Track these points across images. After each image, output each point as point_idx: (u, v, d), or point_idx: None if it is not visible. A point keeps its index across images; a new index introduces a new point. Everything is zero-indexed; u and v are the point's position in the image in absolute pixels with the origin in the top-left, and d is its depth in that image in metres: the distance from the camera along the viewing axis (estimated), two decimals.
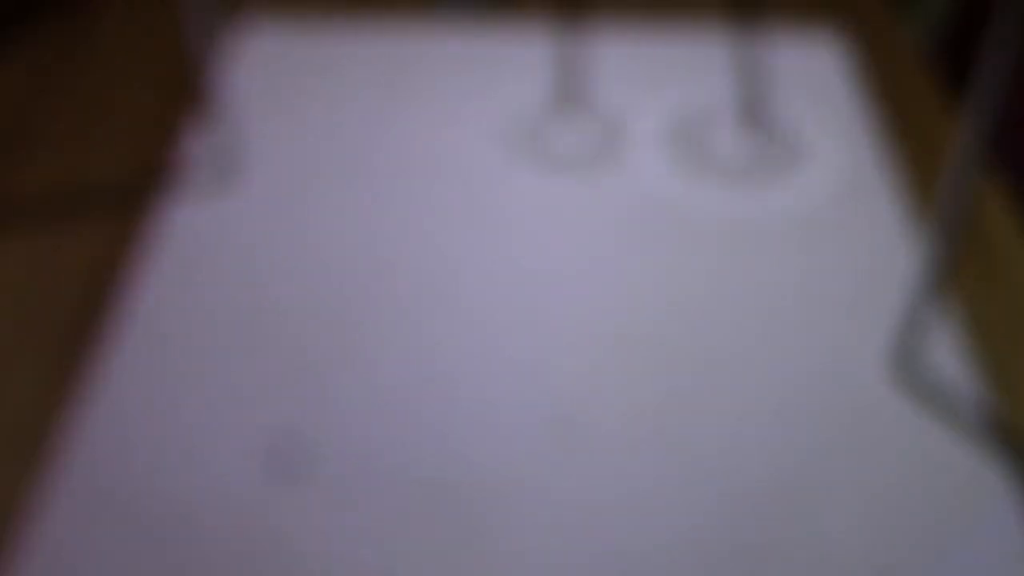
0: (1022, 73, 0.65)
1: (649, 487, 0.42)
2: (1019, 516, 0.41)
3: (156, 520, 0.40)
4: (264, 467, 0.42)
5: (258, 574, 0.39)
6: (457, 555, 0.39)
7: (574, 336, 0.48)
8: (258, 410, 0.45)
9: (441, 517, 0.41)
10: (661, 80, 0.65)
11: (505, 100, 0.63)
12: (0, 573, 0.38)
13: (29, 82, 0.64)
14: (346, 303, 0.50)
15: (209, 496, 0.41)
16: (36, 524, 0.40)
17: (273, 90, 0.63)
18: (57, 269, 0.51)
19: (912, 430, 0.44)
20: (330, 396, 0.45)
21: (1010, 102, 0.69)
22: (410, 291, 0.50)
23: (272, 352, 0.47)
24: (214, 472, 0.42)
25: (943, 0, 0.89)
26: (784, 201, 0.56)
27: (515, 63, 0.66)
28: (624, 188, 0.57)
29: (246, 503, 0.41)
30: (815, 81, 0.65)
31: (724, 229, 0.54)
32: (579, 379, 0.46)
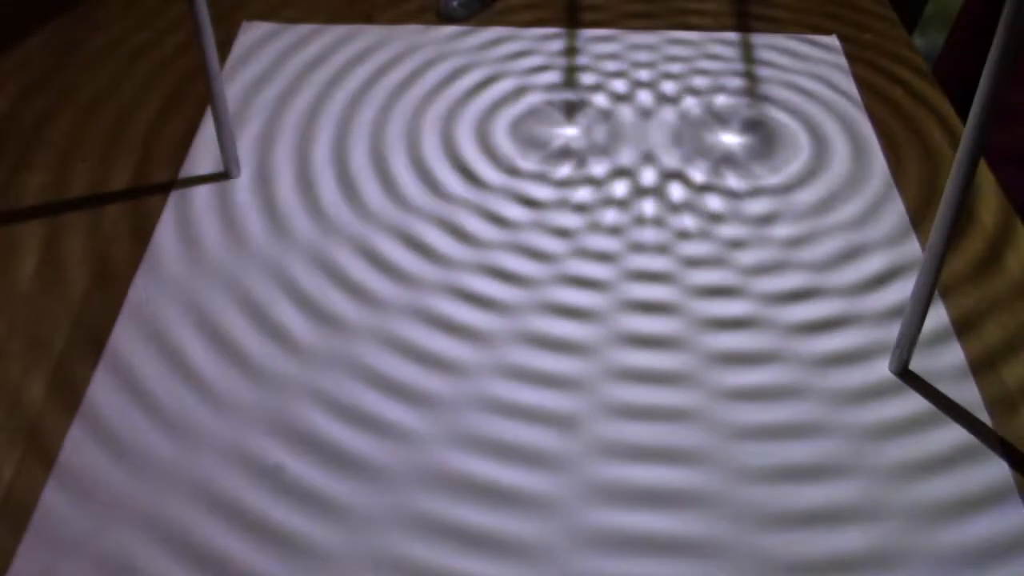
0: (1021, 76, 0.65)
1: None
2: (1020, 505, 0.41)
3: (159, 512, 0.40)
4: (263, 459, 0.42)
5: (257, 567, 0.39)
6: None
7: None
8: (257, 403, 0.45)
9: None
10: (662, 79, 0.65)
11: (502, 97, 0.63)
12: (7, 564, 0.38)
13: (29, 80, 0.64)
14: (340, 295, 0.50)
15: (214, 484, 0.41)
16: (40, 516, 0.40)
17: (270, 87, 0.64)
18: (60, 267, 0.51)
19: (915, 424, 0.45)
20: (327, 388, 0.45)
21: (1009, 105, 0.69)
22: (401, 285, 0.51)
23: (269, 345, 0.47)
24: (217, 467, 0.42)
25: (946, 9, 0.90)
26: (785, 200, 0.56)
27: (510, 61, 0.66)
28: (630, 184, 0.57)
29: (248, 491, 0.41)
30: (818, 86, 0.65)
31: (725, 228, 0.55)
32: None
